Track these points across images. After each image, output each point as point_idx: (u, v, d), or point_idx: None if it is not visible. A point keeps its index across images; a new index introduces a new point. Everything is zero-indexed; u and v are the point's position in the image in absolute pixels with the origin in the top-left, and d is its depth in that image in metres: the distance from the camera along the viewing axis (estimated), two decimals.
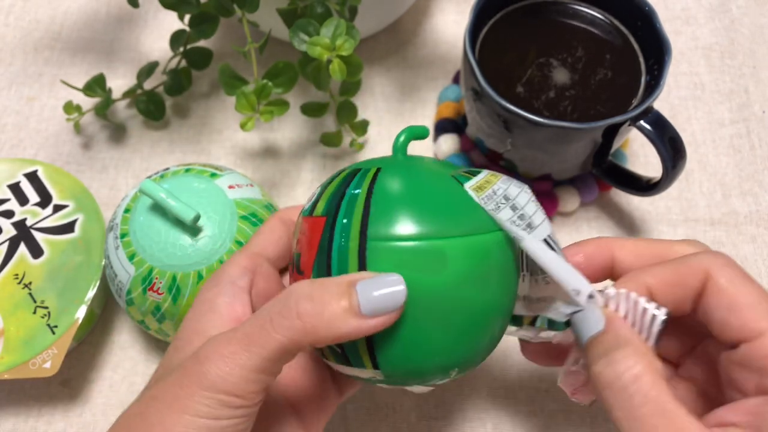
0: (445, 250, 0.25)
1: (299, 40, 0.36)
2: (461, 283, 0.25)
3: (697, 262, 0.25)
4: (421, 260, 0.25)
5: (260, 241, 0.31)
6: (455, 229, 0.25)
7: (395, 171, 0.27)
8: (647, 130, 0.37)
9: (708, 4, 0.52)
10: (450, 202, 0.26)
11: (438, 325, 0.25)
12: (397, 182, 0.26)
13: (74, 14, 0.53)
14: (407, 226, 0.25)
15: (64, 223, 0.39)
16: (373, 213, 0.25)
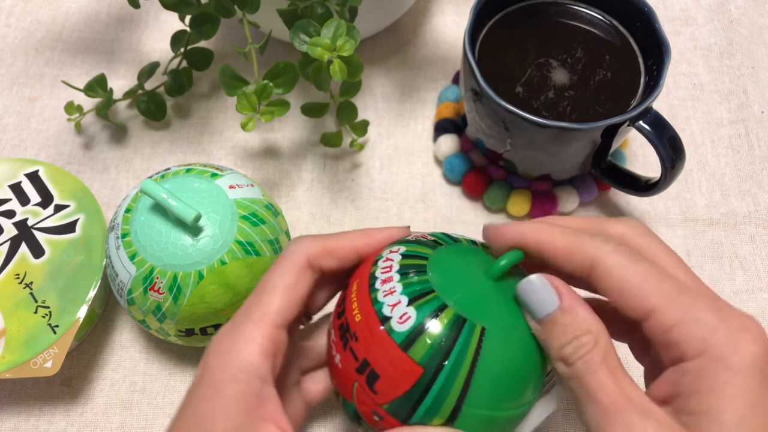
0: (506, 419, 0.27)
1: (300, 41, 0.36)
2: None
3: (591, 244, 0.26)
4: (503, 425, 0.27)
5: (281, 307, 0.28)
6: (520, 401, 0.27)
7: (499, 332, 0.26)
8: (646, 130, 0.37)
9: (707, 5, 0.53)
10: (529, 371, 0.27)
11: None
12: (500, 354, 0.26)
13: (75, 15, 0.53)
14: (501, 402, 0.26)
15: (65, 223, 0.39)
16: (475, 385, 0.26)
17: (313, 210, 0.45)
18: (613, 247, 0.26)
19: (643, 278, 0.25)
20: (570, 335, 0.25)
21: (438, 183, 0.46)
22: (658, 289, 0.25)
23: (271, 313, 0.28)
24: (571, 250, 0.26)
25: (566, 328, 0.25)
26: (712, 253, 0.43)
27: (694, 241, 0.44)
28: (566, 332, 0.25)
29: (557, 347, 0.25)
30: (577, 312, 0.25)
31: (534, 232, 0.27)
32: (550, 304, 0.26)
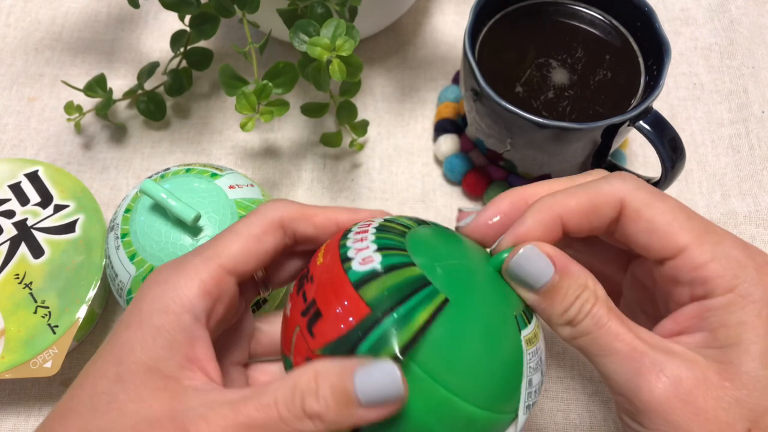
0: (476, 419, 0.24)
1: (299, 41, 0.36)
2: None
3: (611, 189, 0.26)
4: (448, 413, 0.24)
5: (237, 253, 0.26)
6: (491, 402, 0.24)
7: (463, 307, 0.24)
8: (646, 130, 0.37)
9: (707, 5, 0.52)
10: (500, 364, 0.25)
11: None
12: (460, 326, 0.24)
13: (75, 15, 0.53)
14: (450, 375, 0.23)
15: (65, 223, 0.39)
16: (427, 343, 0.23)
17: None
18: (633, 184, 0.26)
19: (672, 216, 0.25)
20: (572, 296, 0.25)
21: (438, 183, 0.46)
22: (689, 227, 0.25)
23: (224, 255, 0.25)
24: (594, 203, 0.26)
25: (566, 290, 0.25)
26: None
27: None
28: (567, 295, 0.25)
29: (560, 312, 0.25)
30: (572, 271, 0.25)
31: (544, 215, 0.26)
32: (546, 271, 0.25)
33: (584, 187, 0.26)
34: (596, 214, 0.26)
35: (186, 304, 0.24)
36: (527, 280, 0.25)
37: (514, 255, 0.25)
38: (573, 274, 0.25)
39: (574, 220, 0.26)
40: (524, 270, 0.25)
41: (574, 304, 0.25)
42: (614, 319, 0.24)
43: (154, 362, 0.23)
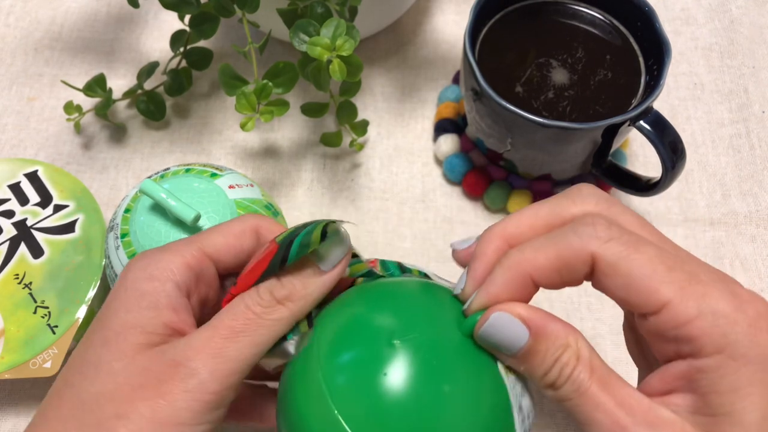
0: None
1: (299, 41, 0.36)
2: None
3: (580, 243, 0.23)
4: None
5: (218, 244, 0.27)
6: None
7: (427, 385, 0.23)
8: (647, 130, 0.37)
9: (707, 5, 0.52)
10: (483, 413, 0.24)
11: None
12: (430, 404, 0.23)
13: (74, 14, 0.53)
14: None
15: (65, 223, 0.39)
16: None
17: (313, 210, 0.45)
18: (605, 234, 0.23)
19: (651, 268, 0.22)
20: (550, 359, 0.23)
21: (438, 183, 0.46)
22: (670, 279, 0.22)
23: (205, 241, 0.27)
24: (564, 259, 0.24)
25: (545, 353, 0.23)
26: (713, 254, 0.43)
27: (694, 241, 0.44)
28: (546, 357, 0.23)
29: (540, 375, 0.23)
30: (550, 331, 0.23)
31: (513, 274, 0.24)
32: (519, 337, 0.23)
33: (554, 241, 0.24)
34: (568, 269, 0.24)
35: (169, 274, 0.25)
36: (501, 346, 0.24)
37: (483, 323, 0.24)
38: (551, 334, 0.23)
39: (545, 277, 0.24)
40: (496, 337, 0.24)
41: (554, 366, 0.23)
42: (596, 383, 0.22)
43: (137, 321, 0.24)
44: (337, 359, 0.24)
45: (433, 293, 0.27)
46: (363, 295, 0.27)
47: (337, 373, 0.24)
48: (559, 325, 0.23)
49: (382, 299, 0.27)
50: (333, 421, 0.23)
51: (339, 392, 0.23)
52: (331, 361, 0.24)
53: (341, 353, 0.24)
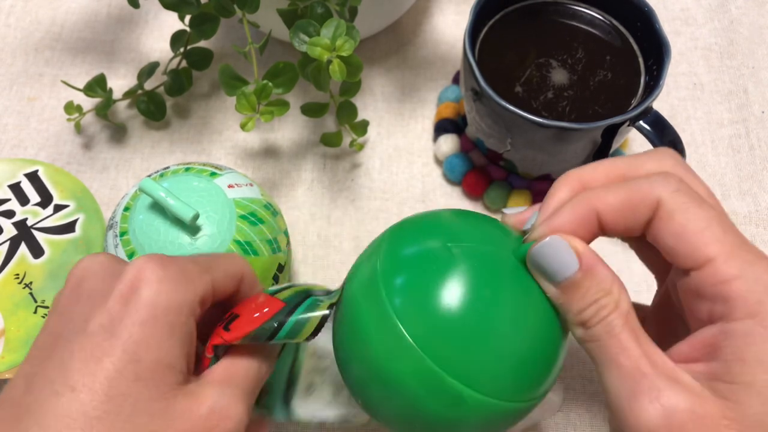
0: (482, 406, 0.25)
1: (299, 41, 0.36)
2: None
3: (650, 188, 0.24)
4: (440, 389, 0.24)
5: (220, 281, 0.27)
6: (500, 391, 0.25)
7: (478, 288, 0.25)
8: (646, 130, 0.37)
9: (707, 5, 0.52)
10: (524, 349, 0.25)
11: None
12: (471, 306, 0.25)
13: (75, 15, 0.53)
14: (452, 358, 0.25)
15: (65, 223, 0.39)
16: (424, 316, 0.25)
17: (313, 210, 0.45)
18: (675, 186, 0.24)
19: (706, 224, 0.23)
20: (590, 298, 0.24)
21: (438, 183, 0.46)
22: (722, 239, 0.23)
23: (215, 277, 0.27)
24: (632, 201, 0.24)
25: (586, 290, 0.24)
26: None
27: None
28: (586, 295, 0.24)
29: (576, 311, 0.24)
30: (597, 272, 0.24)
31: (581, 209, 0.25)
32: (569, 266, 0.24)
33: (625, 185, 0.25)
34: (632, 212, 0.24)
35: (193, 309, 0.26)
36: (549, 271, 0.25)
37: (539, 242, 0.25)
38: (597, 275, 0.24)
39: (611, 215, 0.25)
40: (547, 260, 0.24)
41: (591, 306, 0.24)
42: (627, 332, 0.23)
43: (170, 359, 0.24)
44: (396, 267, 0.26)
45: (493, 223, 0.28)
46: (420, 218, 0.28)
47: (396, 278, 0.25)
48: (608, 271, 0.24)
49: (439, 218, 0.28)
50: (388, 317, 0.24)
51: (396, 294, 0.25)
52: (390, 266, 0.26)
53: (400, 261, 0.26)
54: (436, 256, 0.25)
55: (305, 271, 0.43)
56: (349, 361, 0.27)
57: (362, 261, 0.28)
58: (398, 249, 0.26)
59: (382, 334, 0.25)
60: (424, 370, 0.24)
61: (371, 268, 0.26)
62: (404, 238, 0.27)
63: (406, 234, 0.27)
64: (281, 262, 0.37)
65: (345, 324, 0.27)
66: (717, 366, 0.22)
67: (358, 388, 0.27)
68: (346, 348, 0.27)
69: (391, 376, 0.25)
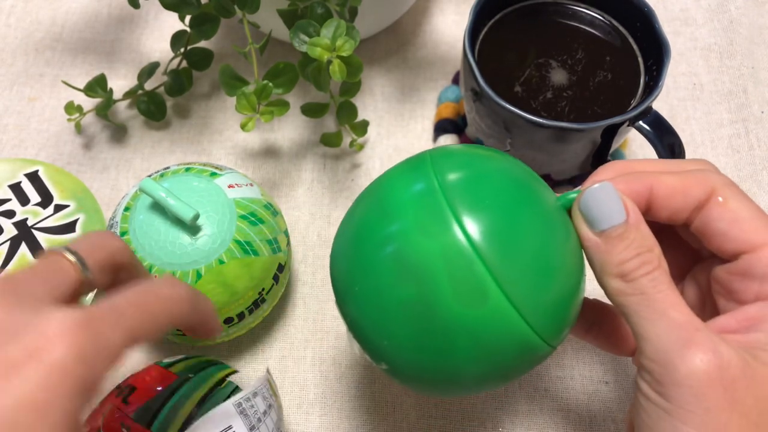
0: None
1: (299, 41, 0.37)
2: None
3: (704, 176, 0.26)
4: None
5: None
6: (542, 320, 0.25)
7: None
8: (646, 130, 0.37)
9: (707, 5, 0.53)
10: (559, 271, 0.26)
11: None
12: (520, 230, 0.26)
13: (75, 15, 0.53)
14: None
15: (65, 223, 0.39)
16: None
17: (313, 210, 0.45)
18: (727, 179, 0.26)
19: (757, 214, 0.25)
20: (634, 250, 0.24)
21: None
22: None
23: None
24: (685, 184, 0.26)
25: (631, 242, 0.24)
26: None
27: None
28: (630, 247, 0.24)
29: (617, 262, 0.24)
30: (643, 229, 0.25)
31: (636, 182, 0.26)
32: (617, 215, 0.25)
33: (681, 171, 0.26)
34: (685, 194, 0.26)
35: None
36: (596, 216, 0.25)
37: (591, 185, 0.25)
38: (643, 232, 0.25)
39: (665, 194, 0.26)
40: (598, 204, 0.25)
41: (634, 258, 0.24)
42: (674, 290, 0.24)
43: None
44: (450, 156, 0.27)
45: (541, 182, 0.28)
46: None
47: (450, 161, 0.26)
48: (650, 232, 0.25)
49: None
50: (431, 191, 0.25)
51: (447, 173, 0.25)
52: (443, 154, 0.27)
53: (454, 153, 0.27)
54: (493, 158, 0.27)
55: (305, 270, 0.43)
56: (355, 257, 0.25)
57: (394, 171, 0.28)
58: (452, 149, 0.27)
59: (417, 209, 0.24)
60: (457, 249, 0.23)
61: (417, 158, 0.27)
62: (456, 150, 0.28)
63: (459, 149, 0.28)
64: (281, 262, 0.37)
65: (360, 211, 0.26)
66: (759, 336, 0.24)
67: (360, 302, 0.25)
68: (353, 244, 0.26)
69: (417, 256, 0.23)
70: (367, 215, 0.26)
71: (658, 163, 0.28)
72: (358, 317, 0.26)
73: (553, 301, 0.25)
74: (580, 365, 0.40)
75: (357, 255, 0.25)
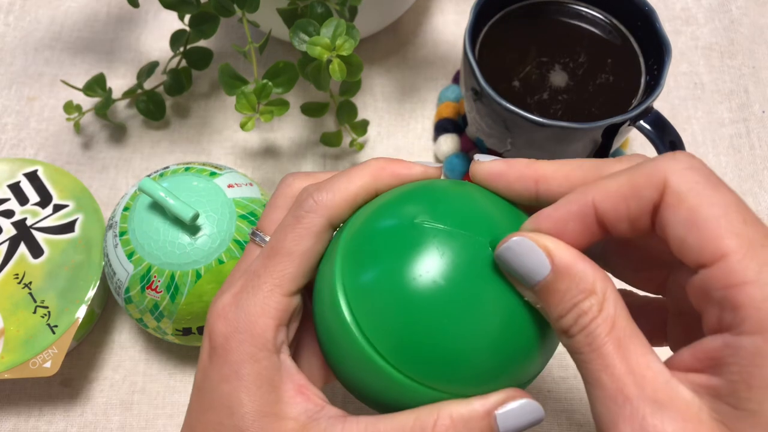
0: None
1: (299, 40, 0.36)
2: None
3: (654, 168, 0.20)
4: None
5: (293, 274, 0.25)
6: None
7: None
8: (647, 130, 0.37)
9: (708, 4, 0.52)
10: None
11: None
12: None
13: (74, 14, 0.53)
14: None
15: (64, 223, 0.39)
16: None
17: None
18: (686, 163, 0.20)
19: (723, 212, 0.19)
20: (569, 302, 0.21)
21: None
22: (741, 232, 0.19)
23: (285, 283, 0.25)
24: (633, 184, 0.21)
25: (564, 293, 0.21)
26: None
27: None
28: (564, 299, 0.21)
29: (555, 318, 0.21)
30: (575, 271, 0.21)
31: (574, 203, 0.22)
32: (540, 268, 0.21)
33: (628, 169, 0.21)
34: (636, 197, 0.20)
35: (269, 347, 0.24)
36: (519, 275, 0.22)
37: (502, 244, 0.22)
38: (575, 275, 0.21)
39: (610, 205, 0.21)
40: (514, 263, 0.22)
41: (571, 311, 0.21)
42: (611, 342, 0.20)
43: (267, 408, 0.24)
44: (355, 246, 0.24)
45: (489, 199, 0.25)
46: (397, 192, 0.26)
47: (353, 265, 0.24)
48: (588, 267, 0.21)
49: (418, 194, 0.25)
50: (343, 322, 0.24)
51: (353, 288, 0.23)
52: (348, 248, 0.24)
53: (360, 238, 0.24)
54: (398, 234, 0.23)
55: None
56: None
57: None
58: (365, 221, 0.25)
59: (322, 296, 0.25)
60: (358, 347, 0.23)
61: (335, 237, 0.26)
62: (375, 210, 0.25)
63: (380, 204, 0.25)
64: None
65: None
66: (721, 384, 0.19)
67: None
68: None
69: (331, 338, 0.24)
70: None
71: (570, 168, 0.23)
72: None
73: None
74: None
75: None
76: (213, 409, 0.24)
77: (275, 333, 0.24)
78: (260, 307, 0.24)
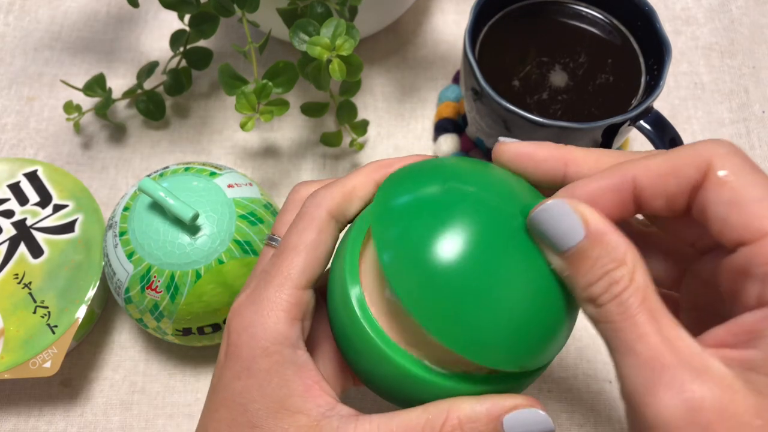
0: None
1: (299, 40, 0.36)
2: None
3: (697, 150, 0.21)
4: None
5: (302, 267, 0.26)
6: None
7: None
8: (647, 130, 0.37)
9: (708, 4, 0.52)
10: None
11: None
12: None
13: (74, 14, 0.53)
14: None
15: (64, 223, 0.39)
16: None
17: None
18: (728, 148, 0.21)
19: (764, 193, 0.20)
20: (600, 270, 0.21)
21: None
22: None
23: (294, 275, 0.25)
24: (674, 164, 0.21)
25: (595, 261, 0.21)
26: None
27: None
28: (595, 266, 0.21)
29: (584, 285, 0.21)
30: (608, 240, 0.21)
31: (614, 176, 0.22)
32: (573, 233, 0.21)
33: (669, 151, 0.22)
34: (676, 176, 0.21)
35: (281, 340, 0.25)
36: (550, 238, 0.22)
37: (538, 206, 0.22)
38: (608, 243, 0.21)
39: (651, 182, 0.22)
40: (547, 226, 0.22)
41: (601, 279, 0.21)
42: (645, 312, 0.20)
43: (279, 403, 0.24)
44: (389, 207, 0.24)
45: (513, 177, 0.25)
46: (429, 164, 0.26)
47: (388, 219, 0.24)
48: (621, 238, 0.21)
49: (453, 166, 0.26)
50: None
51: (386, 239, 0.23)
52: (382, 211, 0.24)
53: (393, 202, 0.24)
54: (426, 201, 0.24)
55: None
56: None
57: None
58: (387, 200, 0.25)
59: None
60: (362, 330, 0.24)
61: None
62: (394, 189, 0.25)
63: (398, 181, 0.25)
64: None
65: None
66: (756, 355, 0.19)
67: None
68: None
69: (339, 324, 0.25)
70: None
71: (602, 156, 0.24)
72: None
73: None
74: (584, 364, 0.40)
75: None
76: (226, 407, 0.25)
77: (288, 326, 0.25)
78: (272, 300, 0.25)
